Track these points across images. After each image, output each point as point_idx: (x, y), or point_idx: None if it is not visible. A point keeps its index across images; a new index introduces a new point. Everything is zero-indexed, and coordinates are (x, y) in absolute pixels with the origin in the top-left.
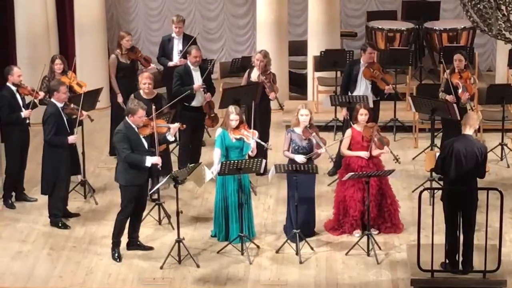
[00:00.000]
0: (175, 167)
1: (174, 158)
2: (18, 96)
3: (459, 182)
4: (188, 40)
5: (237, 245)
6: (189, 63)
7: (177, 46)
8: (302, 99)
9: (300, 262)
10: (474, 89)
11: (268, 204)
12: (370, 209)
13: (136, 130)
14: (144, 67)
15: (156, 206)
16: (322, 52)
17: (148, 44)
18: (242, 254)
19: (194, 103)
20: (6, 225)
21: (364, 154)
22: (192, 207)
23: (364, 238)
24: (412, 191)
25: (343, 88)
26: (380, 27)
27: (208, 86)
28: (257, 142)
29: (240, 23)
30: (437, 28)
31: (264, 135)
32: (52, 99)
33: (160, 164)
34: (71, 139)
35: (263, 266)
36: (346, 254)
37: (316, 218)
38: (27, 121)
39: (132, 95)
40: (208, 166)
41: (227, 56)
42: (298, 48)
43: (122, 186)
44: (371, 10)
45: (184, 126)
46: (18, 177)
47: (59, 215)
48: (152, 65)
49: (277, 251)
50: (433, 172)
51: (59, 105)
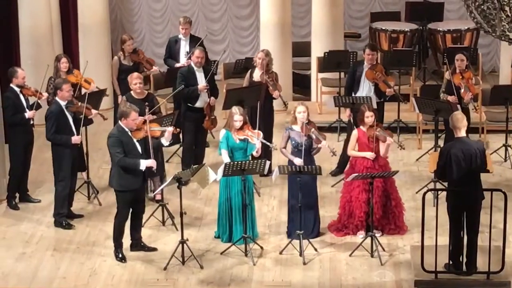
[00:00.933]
0: (179, 168)
1: (178, 160)
2: (22, 97)
3: (461, 184)
4: (195, 41)
5: (240, 246)
6: (192, 64)
7: (184, 47)
8: (306, 100)
9: (304, 263)
10: (478, 89)
11: (272, 205)
12: (375, 210)
13: (130, 133)
14: (147, 70)
15: (160, 207)
16: (326, 53)
17: (151, 45)
18: (246, 255)
19: (198, 104)
20: (10, 226)
21: (369, 155)
22: (196, 208)
23: (368, 239)
24: (416, 192)
25: (347, 89)
26: (383, 28)
27: (212, 88)
28: (261, 143)
29: (244, 25)
30: (440, 29)
31: (267, 135)
32: (56, 98)
33: (154, 167)
34: (75, 139)
35: (267, 267)
36: (350, 255)
37: (320, 219)
38: (31, 122)
39: (124, 97)
40: (212, 167)
41: (230, 57)
42: (301, 49)
43: (116, 191)
44: (374, 11)
45: (178, 130)
46: (22, 178)
47: (63, 214)
48: (155, 67)
49: (280, 252)
50: None
51: (62, 103)
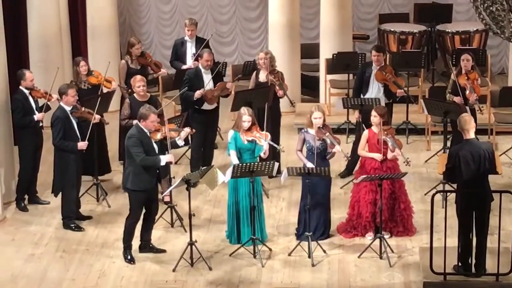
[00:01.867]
0: (187, 170)
1: (187, 161)
2: (31, 99)
3: (472, 185)
4: (201, 43)
5: (249, 248)
6: (200, 66)
7: (190, 49)
8: (314, 102)
9: (313, 265)
10: (487, 91)
11: (281, 207)
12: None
13: (148, 134)
14: (155, 73)
15: (169, 209)
16: (334, 55)
17: (160, 47)
18: (255, 257)
19: (205, 107)
20: (19, 228)
21: (377, 156)
22: (204, 210)
23: (377, 241)
24: (425, 194)
25: (355, 90)
26: (392, 29)
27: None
28: (269, 144)
29: (253, 27)
30: (449, 30)
31: (274, 136)
32: (61, 103)
33: (173, 162)
34: (81, 145)
35: (275, 269)
36: (359, 257)
37: (330, 221)
38: (40, 124)
39: (127, 100)
40: (220, 169)
41: (239, 59)
42: (310, 50)
43: (130, 191)
44: (383, 13)
45: (194, 130)
46: (31, 180)
47: (73, 217)
48: (163, 70)
49: (289, 254)
50: None
51: (67, 108)
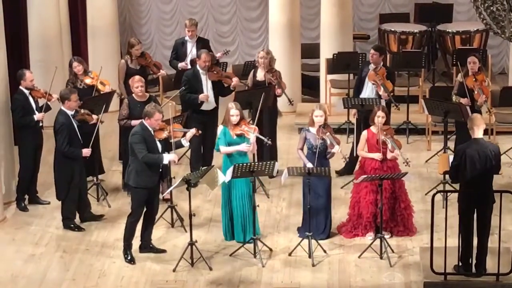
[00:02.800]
0: (187, 170)
1: (187, 161)
2: (31, 99)
3: (474, 185)
4: (202, 43)
5: (249, 248)
6: (198, 67)
7: (190, 49)
8: (315, 102)
9: (313, 265)
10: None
11: (281, 207)
12: (382, 212)
13: (153, 133)
14: (154, 73)
15: (169, 209)
16: (335, 55)
17: (161, 47)
18: (255, 257)
19: (204, 107)
20: (19, 228)
21: (377, 156)
22: (205, 210)
23: (377, 241)
24: (425, 194)
25: (355, 88)
26: (392, 29)
27: (221, 87)
28: (257, 139)
29: (253, 27)
30: (450, 30)
31: (272, 134)
32: (62, 107)
33: (177, 161)
34: (85, 152)
35: (276, 269)
36: (359, 257)
37: (331, 221)
38: (40, 124)
39: (126, 100)
40: (220, 169)
41: (240, 59)
42: (310, 50)
43: (132, 188)
44: (383, 13)
45: (200, 132)
46: (31, 180)
47: (72, 219)
48: (162, 71)
49: (289, 254)
50: (446, 175)
51: (70, 112)
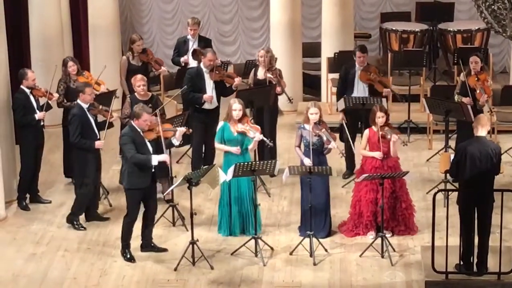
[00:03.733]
0: (189, 169)
1: (188, 160)
2: (32, 98)
3: (475, 184)
4: (203, 42)
5: (251, 246)
6: (202, 66)
7: (192, 47)
8: (316, 101)
9: (314, 264)
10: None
11: (282, 206)
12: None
13: (142, 133)
14: (156, 70)
15: (170, 208)
16: (336, 54)
17: (162, 46)
18: (256, 256)
19: (206, 106)
20: (20, 227)
21: (377, 154)
22: (206, 209)
23: (378, 240)
24: (427, 193)
25: (338, 92)
26: (394, 28)
27: (222, 88)
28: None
29: (255, 26)
30: (451, 29)
31: (271, 133)
32: (78, 100)
33: (168, 162)
34: (98, 144)
35: (277, 267)
36: (360, 255)
37: (331, 219)
38: (41, 123)
39: (128, 98)
40: (221, 168)
41: (241, 59)
42: (312, 49)
43: (126, 189)
44: (385, 12)
45: (190, 130)
46: (33, 179)
47: (79, 215)
48: (164, 67)
49: (291, 253)
50: (447, 174)
51: (85, 106)
